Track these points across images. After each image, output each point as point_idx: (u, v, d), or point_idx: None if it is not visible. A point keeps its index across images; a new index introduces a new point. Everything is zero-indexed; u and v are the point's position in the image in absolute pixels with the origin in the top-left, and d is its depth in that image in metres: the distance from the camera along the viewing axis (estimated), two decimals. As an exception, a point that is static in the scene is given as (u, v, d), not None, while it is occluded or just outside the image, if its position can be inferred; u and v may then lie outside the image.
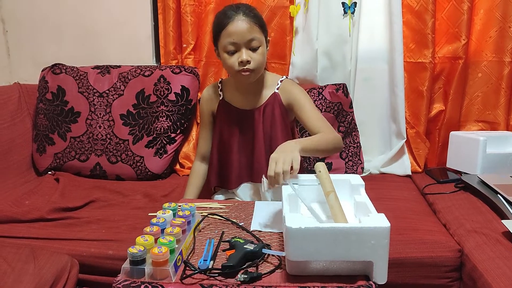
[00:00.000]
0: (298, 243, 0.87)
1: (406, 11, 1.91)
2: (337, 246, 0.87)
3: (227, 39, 1.35)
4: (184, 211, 1.11)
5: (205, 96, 1.60)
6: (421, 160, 2.01)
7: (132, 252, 0.91)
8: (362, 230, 0.86)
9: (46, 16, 2.15)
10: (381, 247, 0.87)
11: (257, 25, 1.37)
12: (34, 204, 1.62)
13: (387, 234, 0.86)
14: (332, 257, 0.88)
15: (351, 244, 0.86)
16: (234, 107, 1.52)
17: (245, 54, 1.35)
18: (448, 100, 1.97)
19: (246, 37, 1.34)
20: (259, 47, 1.37)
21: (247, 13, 1.36)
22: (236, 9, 1.37)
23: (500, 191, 1.50)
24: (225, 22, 1.35)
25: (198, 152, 1.63)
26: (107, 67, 2.02)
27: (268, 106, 1.48)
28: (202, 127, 1.62)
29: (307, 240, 0.86)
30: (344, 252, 0.87)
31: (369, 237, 0.86)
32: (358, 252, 0.87)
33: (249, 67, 1.36)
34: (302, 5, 1.94)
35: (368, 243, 0.86)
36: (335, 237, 0.86)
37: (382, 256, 0.88)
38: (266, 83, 1.50)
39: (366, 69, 2.02)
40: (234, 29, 1.34)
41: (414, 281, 1.32)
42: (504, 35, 1.89)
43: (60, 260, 1.26)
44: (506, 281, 1.10)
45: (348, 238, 0.86)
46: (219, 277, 0.91)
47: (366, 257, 0.88)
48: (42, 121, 1.99)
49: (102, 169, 1.95)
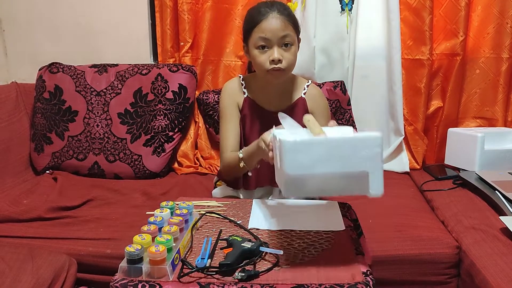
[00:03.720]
0: (293, 155, 0.88)
1: (404, 8, 1.91)
2: (332, 158, 0.88)
3: (259, 34, 1.32)
4: (181, 210, 1.10)
5: (229, 90, 1.50)
6: (419, 157, 2.01)
7: (129, 251, 0.90)
8: (355, 139, 0.90)
9: (43, 15, 2.15)
10: (375, 155, 0.88)
11: (291, 24, 1.34)
12: (32, 204, 1.62)
13: (379, 143, 0.88)
14: (327, 169, 0.88)
15: (344, 155, 0.87)
16: (260, 106, 1.46)
17: (276, 53, 1.31)
18: (446, 97, 1.97)
19: (279, 34, 1.31)
20: (292, 46, 1.34)
21: (281, 11, 1.33)
22: (270, 6, 1.34)
23: (498, 188, 1.50)
24: (259, 18, 1.32)
25: (226, 148, 1.45)
26: (104, 65, 2.02)
27: (293, 109, 1.44)
28: (229, 120, 1.48)
29: (302, 153, 0.87)
30: (339, 164, 0.88)
31: (361, 146, 0.87)
32: (352, 163, 0.88)
33: (281, 66, 1.32)
34: (300, 2, 1.94)
35: (362, 152, 0.87)
36: (329, 148, 0.88)
37: (377, 166, 0.89)
38: (293, 85, 1.46)
39: (364, 66, 2.01)
40: (268, 26, 1.31)
41: (412, 278, 1.33)
42: (501, 31, 1.89)
43: (58, 259, 1.26)
44: (504, 277, 1.10)
45: (341, 148, 0.88)
46: (217, 275, 0.91)
47: (361, 167, 0.88)
48: (39, 120, 1.99)
49: (100, 168, 1.95)
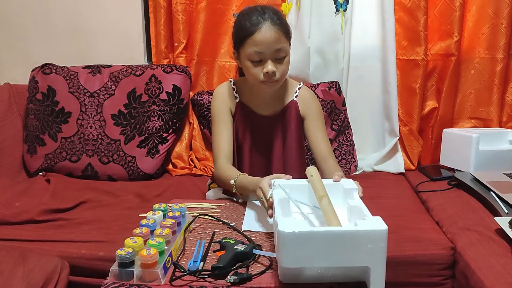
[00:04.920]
0: (292, 248, 0.82)
1: (399, 8, 1.91)
2: (333, 251, 0.82)
3: (253, 48, 1.28)
4: (174, 212, 1.10)
5: (221, 95, 1.48)
6: (414, 157, 2.01)
7: (120, 254, 0.90)
8: (359, 234, 0.82)
9: (36, 15, 2.13)
10: (378, 251, 0.82)
11: (284, 34, 1.30)
12: (25, 206, 1.60)
13: (384, 238, 0.82)
14: (328, 263, 0.84)
15: (347, 248, 0.82)
16: (252, 111, 1.46)
17: (271, 66, 1.29)
18: (441, 97, 1.97)
19: (273, 47, 1.28)
20: (285, 57, 1.32)
21: (274, 20, 1.29)
22: (263, 14, 1.29)
23: (493, 188, 1.50)
24: (252, 29, 1.28)
25: (220, 153, 1.42)
26: (98, 66, 2.00)
27: (285, 113, 1.45)
28: (223, 125, 1.45)
29: (301, 245, 0.81)
30: (340, 258, 0.83)
31: (365, 241, 0.81)
32: (354, 257, 0.83)
33: (274, 78, 1.31)
34: (294, 3, 1.93)
35: (365, 247, 0.81)
36: (330, 241, 0.82)
37: (380, 261, 0.83)
38: (285, 89, 1.46)
39: (358, 67, 2.01)
40: (262, 39, 1.27)
41: (407, 279, 1.32)
42: (496, 31, 1.89)
43: (50, 262, 1.24)
44: (498, 278, 1.10)
45: (343, 242, 0.82)
46: (209, 278, 0.90)
47: (363, 262, 0.83)
48: (32, 122, 1.97)
49: (94, 169, 1.93)
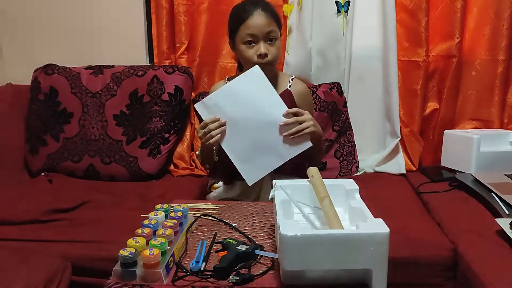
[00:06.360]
0: (294, 251, 0.82)
1: (400, 10, 1.91)
2: (335, 254, 0.83)
3: (246, 31, 1.42)
4: (176, 212, 1.10)
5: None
6: (416, 158, 2.01)
7: (123, 255, 0.90)
8: (361, 237, 0.83)
9: (38, 16, 2.14)
10: (381, 253, 0.82)
11: (275, 20, 1.44)
12: (27, 206, 1.60)
13: (386, 240, 0.82)
14: (330, 265, 0.84)
15: (349, 251, 0.82)
16: None
17: (263, 47, 1.41)
18: (442, 99, 1.97)
19: (264, 30, 1.41)
20: (276, 40, 1.44)
21: (265, 8, 1.43)
22: (255, 4, 1.44)
23: (494, 190, 1.50)
24: (245, 16, 1.42)
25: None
26: (100, 67, 2.01)
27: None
28: None
29: (303, 248, 0.82)
30: (342, 260, 0.83)
31: (368, 244, 0.82)
32: (356, 260, 0.83)
33: (267, 59, 1.42)
34: (296, 4, 1.93)
35: (367, 250, 0.82)
36: (332, 244, 0.82)
37: (382, 263, 0.83)
38: (277, 80, 1.54)
39: (360, 68, 2.01)
40: (254, 23, 1.41)
41: (408, 280, 1.32)
42: (497, 33, 1.89)
43: (52, 263, 1.24)
44: (500, 279, 1.10)
45: (346, 245, 0.82)
46: (211, 278, 0.91)
47: (365, 264, 0.84)
48: (34, 122, 1.98)
49: (96, 170, 1.94)
